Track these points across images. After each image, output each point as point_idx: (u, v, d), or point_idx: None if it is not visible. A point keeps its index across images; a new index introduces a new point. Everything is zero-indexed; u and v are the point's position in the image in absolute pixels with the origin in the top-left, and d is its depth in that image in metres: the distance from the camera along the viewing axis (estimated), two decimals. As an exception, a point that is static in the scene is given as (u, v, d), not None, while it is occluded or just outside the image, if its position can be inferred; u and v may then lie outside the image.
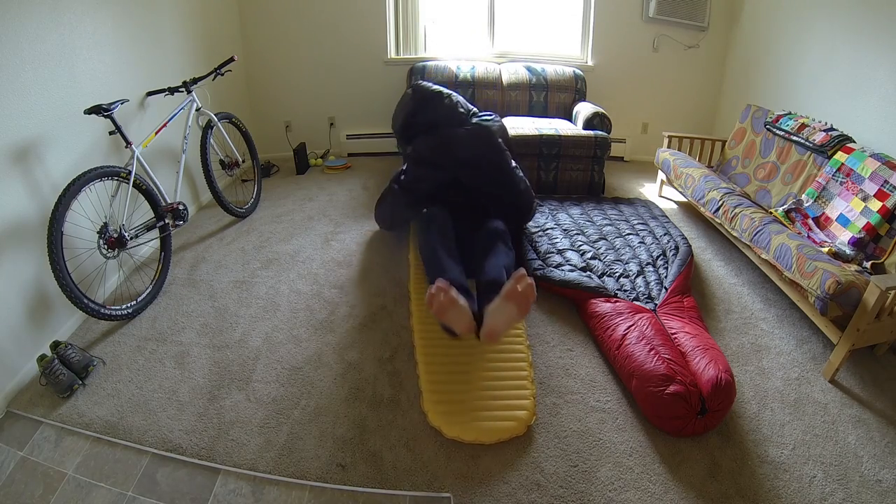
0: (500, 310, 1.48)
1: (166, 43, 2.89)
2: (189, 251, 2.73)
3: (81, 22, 2.17)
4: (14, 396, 1.77)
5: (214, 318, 2.19)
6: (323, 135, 4.27)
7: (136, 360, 1.94)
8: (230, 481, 1.49)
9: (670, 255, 2.51)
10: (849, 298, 1.78)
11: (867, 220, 2.25)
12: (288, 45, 3.94)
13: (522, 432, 1.62)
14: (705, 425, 1.62)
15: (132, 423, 1.66)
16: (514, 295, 1.46)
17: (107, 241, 2.04)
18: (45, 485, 1.46)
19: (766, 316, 2.28)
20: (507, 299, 1.48)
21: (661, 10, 3.83)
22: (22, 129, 1.85)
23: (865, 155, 2.38)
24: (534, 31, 4.32)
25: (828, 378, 1.90)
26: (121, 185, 2.17)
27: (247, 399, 1.77)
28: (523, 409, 1.66)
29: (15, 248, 1.82)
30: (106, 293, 2.29)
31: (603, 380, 1.88)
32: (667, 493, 1.46)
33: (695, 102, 4.23)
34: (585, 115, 3.55)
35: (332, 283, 2.45)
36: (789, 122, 2.91)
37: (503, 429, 1.60)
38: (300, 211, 3.23)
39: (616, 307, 2.06)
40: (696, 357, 1.74)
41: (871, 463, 1.57)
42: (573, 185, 3.44)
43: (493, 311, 1.49)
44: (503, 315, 1.48)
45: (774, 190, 2.90)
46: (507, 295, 1.47)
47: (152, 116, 2.63)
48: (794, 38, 3.25)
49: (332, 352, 1.99)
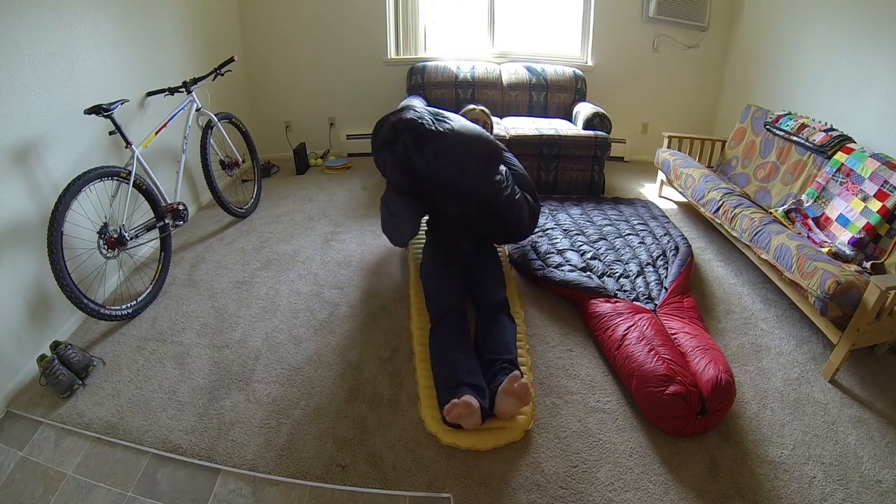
0: (505, 401, 1.59)
1: (166, 43, 2.89)
2: (189, 251, 2.73)
3: (81, 22, 2.17)
4: (14, 396, 1.77)
5: (214, 318, 2.19)
6: (323, 135, 4.27)
7: (136, 361, 1.94)
8: (230, 481, 1.49)
9: (670, 255, 2.51)
10: (849, 298, 1.78)
11: (867, 221, 2.25)
12: (288, 46, 3.94)
13: (520, 437, 1.61)
14: (705, 425, 1.62)
15: (132, 423, 1.66)
16: (512, 391, 1.58)
17: (107, 241, 2.04)
18: (45, 485, 1.46)
19: (766, 316, 2.28)
20: (508, 394, 1.58)
21: (661, 10, 3.83)
22: (22, 128, 1.85)
23: (865, 155, 2.38)
24: (534, 31, 4.32)
25: (828, 378, 1.90)
26: (121, 186, 2.17)
27: (247, 399, 1.77)
28: (522, 414, 1.66)
29: (15, 248, 1.82)
30: (106, 293, 2.29)
31: (603, 380, 1.88)
32: (667, 494, 1.46)
33: (695, 102, 4.23)
34: (585, 116, 3.55)
35: (332, 283, 2.45)
36: (789, 123, 2.92)
37: (500, 435, 1.59)
38: (300, 211, 3.23)
39: (616, 307, 2.06)
40: (696, 357, 1.74)
41: (871, 463, 1.57)
42: (573, 185, 3.44)
43: (500, 401, 1.60)
44: (509, 405, 1.59)
45: (774, 190, 2.90)
46: (507, 391, 1.58)
47: (152, 116, 2.63)
48: (794, 38, 3.25)
49: (332, 352, 1.99)
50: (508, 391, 1.57)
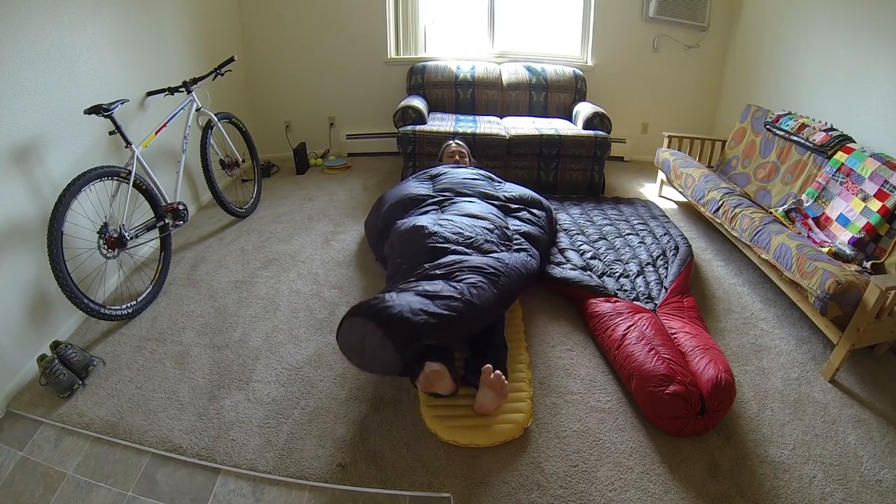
0: (485, 395, 1.63)
1: (166, 43, 2.89)
2: (189, 251, 2.73)
3: (82, 21, 2.17)
4: (14, 396, 1.77)
5: (214, 318, 2.19)
6: (323, 135, 4.27)
7: (136, 360, 1.94)
8: (230, 481, 1.49)
9: (670, 255, 2.51)
10: (849, 298, 1.78)
11: (867, 220, 2.25)
12: (288, 45, 3.94)
13: (519, 435, 1.62)
14: (705, 425, 1.62)
15: (132, 423, 1.66)
16: (489, 384, 1.61)
17: (107, 241, 2.04)
18: (45, 485, 1.46)
19: (766, 316, 2.28)
20: (486, 386, 1.62)
21: (661, 10, 3.83)
22: (22, 128, 1.85)
23: (865, 155, 2.38)
24: (534, 31, 4.31)
25: (828, 378, 1.90)
26: (121, 185, 2.17)
27: (247, 399, 1.77)
28: (520, 411, 1.66)
29: (15, 248, 1.82)
30: (106, 293, 2.29)
31: (603, 380, 1.88)
32: (667, 493, 1.46)
33: (695, 102, 4.23)
34: (585, 115, 3.55)
35: (332, 283, 2.45)
36: (789, 122, 2.91)
37: (499, 432, 1.60)
38: (300, 211, 3.23)
39: (616, 307, 2.06)
40: (695, 357, 1.74)
41: (871, 463, 1.57)
42: (573, 185, 3.44)
43: (481, 393, 1.64)
44: (487, 398, 1.63)
45: (774, 190, 2.90)
46: (485, 383, 1.62)
47: (152, 116, 2.63)
48: (794, 38, 3.25)
49: (332, 352, 1.99)
50: (485, 382, 1.60)
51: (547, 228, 2.51)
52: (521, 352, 1.94)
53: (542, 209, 2.58)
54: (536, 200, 2.60)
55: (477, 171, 2.69)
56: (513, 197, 2.54)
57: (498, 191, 2.57)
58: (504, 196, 2.52)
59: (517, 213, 2.44)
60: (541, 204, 2.60)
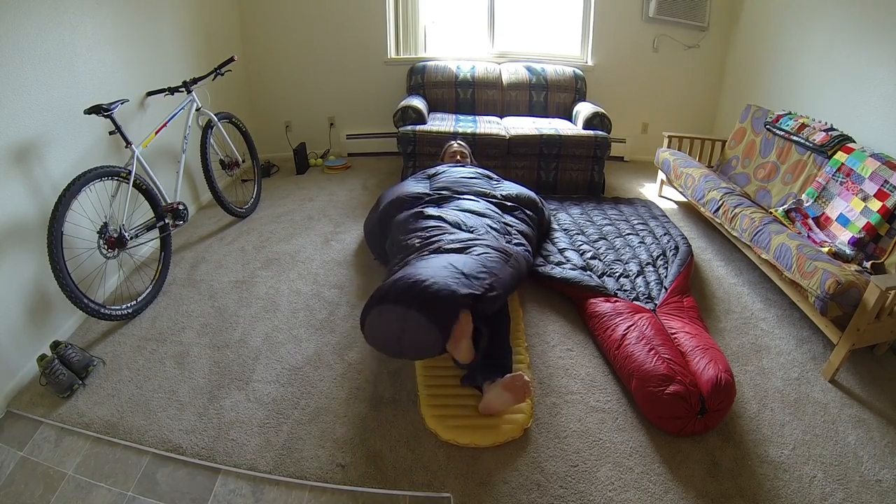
0: (499, 395, 1.59)
1: (166, 43, 2.89)
2: (189, 251, 2.73)
3: (82, 22, 2.17)
4: (14, 396, 1.77)
5: (214, 317, 2.19)
6: (323, 135, 4.27)
7: (136, 360, 1.94)
8: (230, 481, 1.49)
9: (670, 255, 2.51)
10: (849, 298, 1.78)
11: (867, 220, 2.25)
12: (288, 45, 3.93)
13: (519, 435, 1.61)
14: (705, 425, 1.62)
15: (132, 423, 1.66)
16: (511, 387, 1.58)
17: (107, 240, 2.04)
18: (45, 485, 1.46)
19: (766, 316, 2.28)
20: (505, 389, 1.59)
21: (661, 10, 3.83)
22: (22, 128, 1.85)
23: (865, 155, 2.38)
24: (534, 31, 4.31)
25: (828, 378, 1.90)
26: (121, 185, 2.17)
27: (247, 399, 1.77)
28: (520, 411, 1.66)
29: (15, 248, 1.82)
30: (106, 293, 2.29)
31: (603, 380, 1.88)
32: (667, 493, 1.46)
33: (695, 102, 4.23)
34: (585, 115, 3.55)
35: (332, 283, 2.45)
36: (789, 122, 2.91)
37: (500, 432, 1.60)
38: (300, 211, 3.23)
39: (616, 307, 2.06)
40: (695, 357, 1.74)
41: (871, 463, 1.57)
42: (573, 184, 3.44)
43: (493, 394, 1.60)
44: (500, 399, 1.60)
45: (774, 190, 2.90)
46: (506, 386, 1.59)
47: (152, 116, 2.63)
48: (794, 38, 3.25)
49: (331, 352, 1.99)
50: (507, 385, 1.58)
51: (538, 229, 2.54)
52: (521, 352, 1.94)
53: (537, 211, 2.58)
54: (532, 201, 2.60)
55: (475, 170, 2.68)
56: (509, 195, 2.54)
57: (495, 189, 2.57)
58: (501, 195, 2.52)
59: (512, 213, 2.44)
60: (536, 205, 2.60)
